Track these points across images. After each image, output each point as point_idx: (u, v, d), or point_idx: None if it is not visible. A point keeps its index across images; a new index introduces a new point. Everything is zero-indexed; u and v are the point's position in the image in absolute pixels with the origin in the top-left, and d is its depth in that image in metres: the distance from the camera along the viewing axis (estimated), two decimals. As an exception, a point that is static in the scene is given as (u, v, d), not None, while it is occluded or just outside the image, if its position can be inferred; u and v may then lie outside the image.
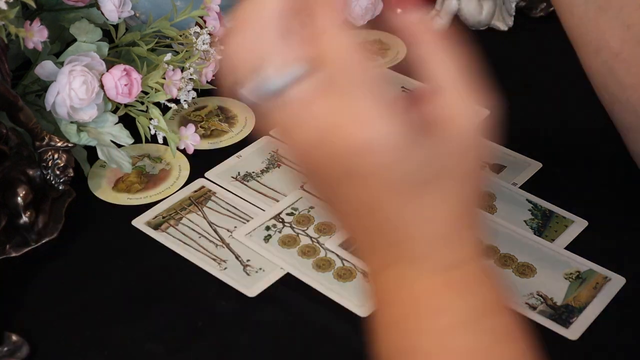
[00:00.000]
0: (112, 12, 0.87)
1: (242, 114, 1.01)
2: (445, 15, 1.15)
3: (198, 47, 0.91)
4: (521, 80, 1.08)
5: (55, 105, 0.84)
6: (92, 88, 0.84)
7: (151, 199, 0.89)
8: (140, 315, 0.77)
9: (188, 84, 0.90)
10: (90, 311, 0.78)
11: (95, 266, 0.82)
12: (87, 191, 0.90)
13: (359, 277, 0.81)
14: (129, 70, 0.85)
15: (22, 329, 0.75)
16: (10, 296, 0.79)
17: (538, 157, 0.94)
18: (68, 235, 0.84)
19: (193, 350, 0.75)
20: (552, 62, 1.11)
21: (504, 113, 1.03)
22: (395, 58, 1.11)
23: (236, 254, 0.83)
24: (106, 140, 0.88)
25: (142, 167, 0.93)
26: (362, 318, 0.77)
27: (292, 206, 0.88)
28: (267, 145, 0.96)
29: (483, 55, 1.15)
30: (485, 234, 0.54)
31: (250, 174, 0.92)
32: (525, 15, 1.18)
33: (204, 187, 0.91)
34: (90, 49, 0.87)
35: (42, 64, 0.84)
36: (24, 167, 0.83)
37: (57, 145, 0.83)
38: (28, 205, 0.82)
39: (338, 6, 0.54)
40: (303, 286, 0.80)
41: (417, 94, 0.56)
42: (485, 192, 0.90)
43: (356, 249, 0.57)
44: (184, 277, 0.81)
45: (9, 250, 0.82)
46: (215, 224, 0.86)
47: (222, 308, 0.78)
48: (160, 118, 0.89)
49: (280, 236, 0.85)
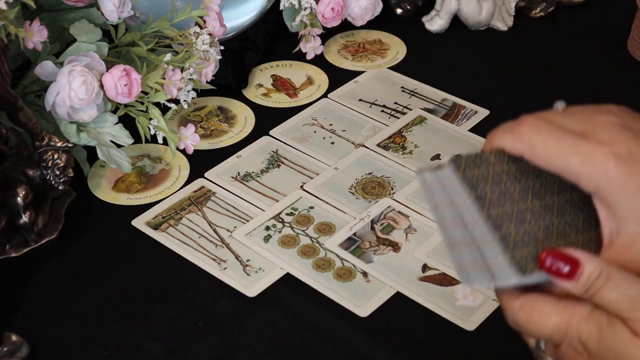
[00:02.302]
0: (112, 12, 0.87)
1: (241, 114, 1.01)
2: (445, 15, 1.15)
3: (198, 47, 0.91)
4: (521, 80, 1.08)
5: (55, 106, 0.84)
6: (92, 88, 0.84)
7: (151, 199, 0.89)
8: (140, 315, 0.78)
9: (188, 84, 0.90)
10: (90, 311, 0.78)
11: (95, 266, 0.82)
12: (87, 191, 0.90)
13: (358, 277, 0.81)
14: (128, 71, 0.85)
15: (22, 329, 0.75)
16: (10, 296, 0.79)
17: (538, 157, 0.94)
18: (68, 235, 0.84)
19: (193, 350, 0.75)
20: (552, 62, 1.11)
21: (504, 113, 1.03)
22: (395, 58, 1.11)
23: (236, 254, 0.83)
24: (106, 140, 0.88)
25: (142, 167, 0.93)
26: (361, 318, 0.77)
27: (292, 206, 0.88)
28: (267, 145, 0.97)
29: (483, 55, 1.16)
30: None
31: (250, 174, 0.93)
32: (525, 15, 1.18)
33: (204, 187, 0.91)
34: (90, 49, 0.87)
35: (42, 64, 0.84)
36: (24, 167, 0.83)
37: (57, 145, 0.83)
38: (28, 205, 0.82)
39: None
40: (303, 286, 0.80)
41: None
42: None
43: None
44: (184, 277, 0.81)
45: (9, 250, 0.82)
46: (215, 224, 0.86)
47: (222, 308, 0.78)
48: (160, 118, 0.89)
49: (280, 236, 0.85)
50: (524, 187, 0.59)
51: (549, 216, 0.59)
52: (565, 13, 1.19)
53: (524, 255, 0.57)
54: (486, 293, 0.79)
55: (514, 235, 0.58)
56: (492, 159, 0.59)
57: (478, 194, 0.57)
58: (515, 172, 0.59)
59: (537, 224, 0.59)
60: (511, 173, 0.59)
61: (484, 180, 0.58)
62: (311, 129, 0.99)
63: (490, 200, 0.58)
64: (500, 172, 0.59)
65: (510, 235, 0.57)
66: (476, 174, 0.58)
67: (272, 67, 1.09)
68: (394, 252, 0.83)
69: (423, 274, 0.81)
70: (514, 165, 0.59)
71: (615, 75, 1.08)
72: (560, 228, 0.59)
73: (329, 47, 1.12)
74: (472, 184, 0.57)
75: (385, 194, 0.90)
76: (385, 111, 1.01)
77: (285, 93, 1.05)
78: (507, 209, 0.58)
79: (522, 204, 0.59)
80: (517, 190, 0.59)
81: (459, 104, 1.03)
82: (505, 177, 0.59)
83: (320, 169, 0.93)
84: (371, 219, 0.86)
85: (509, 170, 0.59)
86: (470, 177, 0.58)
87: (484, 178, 0.58)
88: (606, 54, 1.12)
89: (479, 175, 0.58)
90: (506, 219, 0.58)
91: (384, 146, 0.96)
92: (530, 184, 0.59)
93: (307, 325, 0.77)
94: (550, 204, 0.59)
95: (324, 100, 1.03)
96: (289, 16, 1.09)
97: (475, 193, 0.57)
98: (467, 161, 0.58)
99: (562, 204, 0.59)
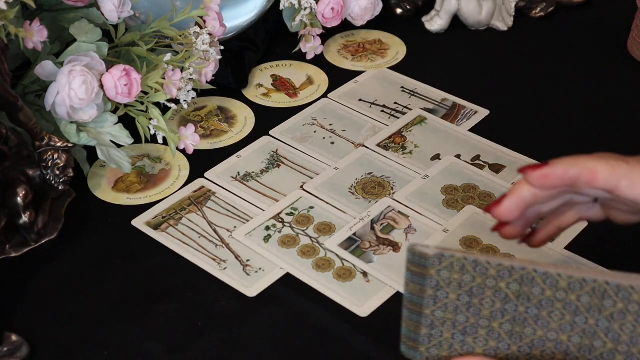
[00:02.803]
0: (112, 12, 0.87)
1: (241, 114, 1.01)
2: (445, 15, 1.15)
3: (198, 47, 0.91)
4: (521, 80, 1.08)
5: (55, 106, 0.84)
6: (92, 88, 0.84)
7: (151, 199, 0.89)
8: (140, 315, 0.78)
9: (188, 84, 0.90)
10: (90, 311, 0.78)
11: (95, 266, 0.82)
12: (87, 191, 0.90)
13: (358, 277, 0.81)
14: (128, 71, 0.85)
15: (22, 329, 0.75)
16: (10, 296, 0.79)
17: (538, 157, 0.94)
18: (68, 235, 0.84)
19: (193, 350, 0.75)
20: (552, 62, 1.11)
21: (504, 113, 1.04)
22: (395, 58, 1.11)
23: (236, 254, 0.83)
24: (106, 140, 0.88)
25: (142, 167, 0.93)
26: (361, 318, 0.77)
27: (291, 206, 0.88)
28: (267, 145, 0.97)
29: (483, 55, 1.16)
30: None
31: (250, 174, 0.92)
32: (525, 15, 1.18)
33: (204, 187, 0.91)
34: (90, 49, 0.87)
35: (42, 64, 0.84)
36: (24, 167, 0.83)
37: (57, 146, 0.83)
38: (28, 205, 0.82)
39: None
40: (303, 286, 0.80)
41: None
42: (485, 192, 0.90)
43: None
44: (184, 277, 0.81)
45: (9, 250, 0.82)
46: (215, 224, 0.86)
47: (222, 308, 0.78)
48: (160, 118, 0.89)
49: (280, 236, 0.85)
50: (507, 310, 0.60)
51: (513, 342, 0.60)
52: (565, 13, 1.19)
53: (431, 356, 0.62)
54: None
55: (441, 339, 0.61)
56: (494, 272, 0.60)
57: (432, 295, 0.61)
58: (514, 294, 0.60)
59: (487, 342, 0.60)
60: (506, 293, 0.60)
61: (456, 286, 0.60)
62: (311, 129, 0.99)
63: (445, 305, 0.61)
64: (491, 287, 0.60)
65: (439, 336, 0.62)
66: (454, 278, 0.60)
67: (272, 67, 1.09)
68: (394, 252, 0.83)
69: (423, 274, 0.81)
70: (517, 287, 0.60)
71: (615, 75, 1.08)
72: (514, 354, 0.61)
73: (329, 47, 1.12)
74: (437, 285, 0.60)
75: (385, 194, 0.90)
76: (385, 111, 1.01)
77: (285, 93, 1.05)
78: (459, 318, 0.61)
79: (485, 321, 0.60)
80: (494, 308, 0.60)
81: (459, 104, 1.03)
82: (490, 293, 0.60)
83: (320, 169, 0.93)
84: (371, 219, 0.86)
85: (507, 289, 0.60)
86: (444, 278, 0.60)
87: (457, 285, 0.60)
88: (606, 54, 1.12)
89: (453, 280, 0.60)
90: (448, 325, 0.61)
91: (384, 146, 0.96)
92: (521, 310, 0.60)
93: (307, 325, 0.77)
94: (530, 334, 0.61)
95: (324, 100, 1.03)
96: (289, 16, 1.09)
97: (429, 294, 0.61)
98: (453, 263, 0.60)
99: (542, 341, 0.60)
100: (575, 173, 0.64)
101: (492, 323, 0.60)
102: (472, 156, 0.95)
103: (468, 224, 0.86)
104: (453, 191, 0.90)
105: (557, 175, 0.64)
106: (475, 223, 0.86)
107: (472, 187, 0.90)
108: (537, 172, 0.64)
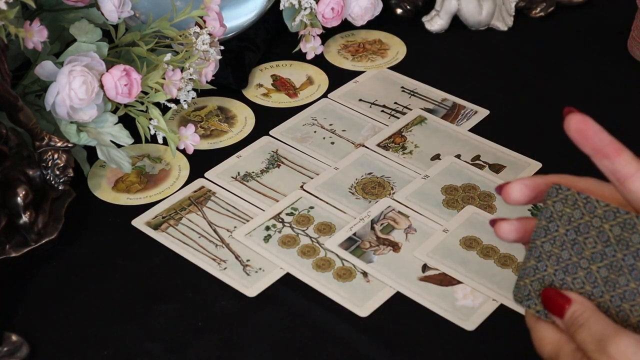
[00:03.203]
0: (112, 12, 0.87)
1: (241, 114, 1.01)
2: (445, 15, 1.15)
3: (198, 47, 0.91)
4: (521, 80, 1.08)
5: (55, 106, 0.84)
6: (92, 88, 0.84)
7: (151, 199, 0.89)
8: (140, 315, 0.78)
9: (188, 84, 0.90)
10: (90, 311, 0.78)
11: (95, 266, 0.82)
12: (87, 191, 0.90)
13: (358, 277, 0.81)
14: (128, 71, 0.85)
15: (22, 329, 0.75)
16: (10, 296, 0.79)
17: (538, 157, 0.94)
18: (68, 235, 0.84)
19: (193, 350, 0.75)
20: (552, 62, 1.11)
21: (504, 113, 1.04)
22: (395, 58, 1.11)
23: (236, 254, 0.83)
24: (106, 140, 0.88)
25: (142, 167, 0.93)
26: (361, 318, 0.77)
27: (291, 206, 0.88)
28: (267, 145, 0.97)
29: (483, 55, 1.16)
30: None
31: (250, 174, 0.93)
32: (525, 15, 1.18)
33: (204, 187, 0.91)
34: (90, 49, 0.87)
35: (42, 64, 0.84)
36: (24, 167, 0.83)
37: (57, 146, 0.83)
38: (28, 205, 0.82)
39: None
40: (303, 286, 0.80)
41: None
42: (485, 192, 0.90)
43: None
44: (184, 277, 0.81)
45: (9, 250, 0.82)
46: (215, 224, 0.86)
47: (222, 308, 0.78)
48: (160, 118, 0.89)
49: (280, 236, 0.85)
50: (607, 254, 0.59)
51: (606, 290, 0.60)
52: (565, 13, 1.19)
53: (533, 289, 0.60)
54: (486, 293, 0.79)
55: (545, 273, 0.60)
56: (601, 211, 0.59)
57: (545, 226, 0.60)
58: (615, 238, 0.59)
59: (584, 285, 0.60)
60: (608, 236, 0.59)
61: (566, 220, 0.60)
62: (311, 129, 0.99)
63: (554, 238, 0.60)
64: (596, 226, 0.60)
65: (543, 270, 0.60)
66: (566, 212, 0.60)
67: (272, 67, 1.09)
68: (394, 252, 0.83)
69: (423, 274, 0.81)
70: (619, 230, 0.59)
71: (615, 75, 1.08)
72: (604, 303, 0.60)
73: (329, 47, 1.12)
74: (551, 217, 0.60)
75: (385, 194, 0.90)
76: (385, 111, 1.01)
77: (285, 93, 1.05)
78: (563, 254, 0.60)
79: (585, 262, 0.60)
80: (595, 250, 0.60)
81: (459, 104, 1.03)
82: (594, 232, 0.60)
83: (320, 169, 0.93)
84: (371, 219, 0.86)
85: (609, 232, 0.59)
86: (557, 210, 0.60)
87: (568, 219, 0.60)
88: (606, 54, 1.12)
89: (565, 214, 0.60)
90: (553, 259, 0.60)
91: (384, 146, 0.96)
92: (619, 257, 0.59)
93: (307, 325, 0.77)
94: (623, 284, 0.60)
95: (324, 100, 1.03)
96: (289, 16, 1.09)
97: (543, 224, 0.60)
98: (567, 196, 0.60)
99: (633, 293, 0.60)
100: (606, 139, 0.64)
101: (591, 265, 0.59)
102: (472, 156, 0.95)
103: (468, 224, 0.86)
104: (453, 191, 0.90)
105: (594, 129, 0.64)
106: (475, 223, 0.86)
107: (472, 187, 0.90)
108: (579, 116, 0.64)
